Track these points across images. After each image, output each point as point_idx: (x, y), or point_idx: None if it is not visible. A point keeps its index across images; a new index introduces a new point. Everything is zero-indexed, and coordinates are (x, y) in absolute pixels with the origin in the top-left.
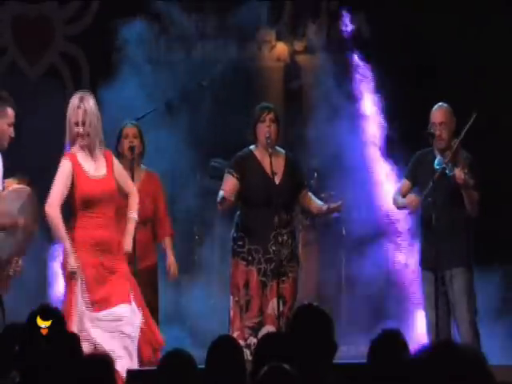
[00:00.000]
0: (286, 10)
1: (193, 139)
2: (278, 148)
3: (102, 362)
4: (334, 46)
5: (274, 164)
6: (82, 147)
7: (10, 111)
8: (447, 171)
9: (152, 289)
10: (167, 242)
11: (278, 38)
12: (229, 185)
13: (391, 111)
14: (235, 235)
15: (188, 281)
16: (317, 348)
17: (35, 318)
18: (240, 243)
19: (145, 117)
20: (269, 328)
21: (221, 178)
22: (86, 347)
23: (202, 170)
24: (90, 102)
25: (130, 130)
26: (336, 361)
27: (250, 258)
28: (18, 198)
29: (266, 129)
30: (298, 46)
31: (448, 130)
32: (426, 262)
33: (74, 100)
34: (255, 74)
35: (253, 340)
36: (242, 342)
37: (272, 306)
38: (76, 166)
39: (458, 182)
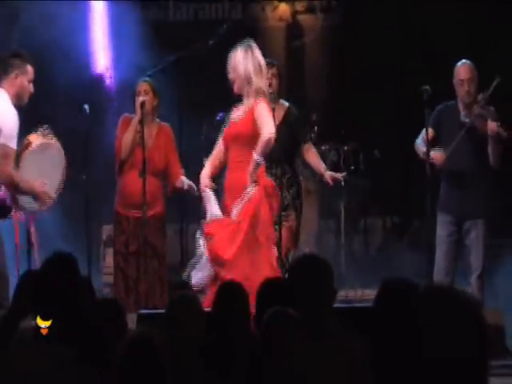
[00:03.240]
0: None
1: (200, 94)
2: (281, 101)
3: (113, 305)
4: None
5: (276, 115)
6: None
7: (30, 68)
8: (476, 124)
9: (160, 235)
10: (182, 178)
11: None
12: None
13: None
14: None
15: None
16: (317, 295)
17: (49, 265)
18: None
19: (155, 72)
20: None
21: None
22: None
23: (208, 125)
24: (237, 53)
25: (142, 86)
26: (337, 305)
27: None
28: (43, 156)
29: (268, 83)
30: (300, 6)
31: (474, 84)
32: (446, 206)
33: None
34: (259, 34)
35: None
36: None
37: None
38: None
39: (490, 133)
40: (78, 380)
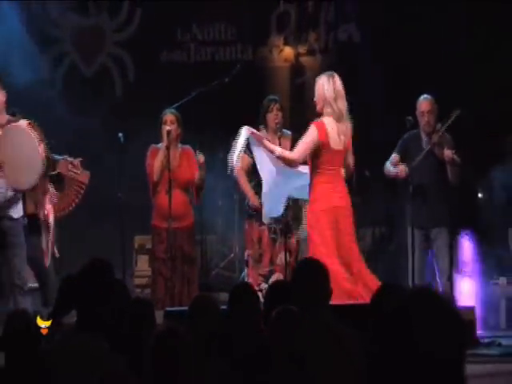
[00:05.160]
0: (292, 20)
1: (217, 123)
2: (284, 130)
3: (145, 302)
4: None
5: (282, 144)
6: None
7: None
8: (435, 150)
9: (191, 242)
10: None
11: (286, 43)
12: (245, 162)
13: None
14: (250, 203)
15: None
16: (316, 293)
17: (88, 269)
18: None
19: (181, 105)
20: (278, 276)
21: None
22: None
23: (225, 149)
24: (321, 79)
25: (168, 117)
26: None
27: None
28: (8, 139)
29: (274, 117)
30: (302, 49)
31: (434, 116)
32: (416, 221)
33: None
34: (267, 73)
35: (264, 286)
36: (255, 288)
37: (280, 257)
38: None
39: (447, 159)
40: (111, 367)
